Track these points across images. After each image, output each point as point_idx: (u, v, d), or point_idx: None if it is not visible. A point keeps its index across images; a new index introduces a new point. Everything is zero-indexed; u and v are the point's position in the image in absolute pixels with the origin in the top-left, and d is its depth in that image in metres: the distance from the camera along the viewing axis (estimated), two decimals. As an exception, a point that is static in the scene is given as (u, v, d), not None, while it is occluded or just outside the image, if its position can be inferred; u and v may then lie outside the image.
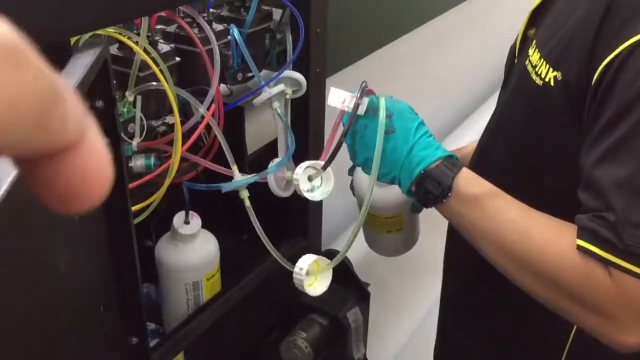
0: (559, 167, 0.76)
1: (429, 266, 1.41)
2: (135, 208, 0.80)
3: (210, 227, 0.97)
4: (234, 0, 1.02)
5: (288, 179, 0.95)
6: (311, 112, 1.04)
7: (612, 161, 0.65)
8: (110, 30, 0.76)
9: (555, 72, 0.72)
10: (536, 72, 0.75)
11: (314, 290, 0.81)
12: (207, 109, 0.87)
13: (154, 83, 0.81)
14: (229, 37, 0.94)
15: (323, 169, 0.80)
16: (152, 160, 0.82)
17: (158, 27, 0.91)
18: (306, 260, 0.80)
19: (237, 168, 0.91)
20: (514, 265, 0.74)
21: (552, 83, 0.72)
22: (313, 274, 0.80)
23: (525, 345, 0.94)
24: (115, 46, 0.83)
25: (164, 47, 0.86)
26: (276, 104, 0.94)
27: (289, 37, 1.02)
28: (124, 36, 0.78)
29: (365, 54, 1.53)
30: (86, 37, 0.70)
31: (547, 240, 0.71)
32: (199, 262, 0.94)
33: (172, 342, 0.91)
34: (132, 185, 0.79)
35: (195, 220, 0.92)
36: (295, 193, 0.84)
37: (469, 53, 2.36)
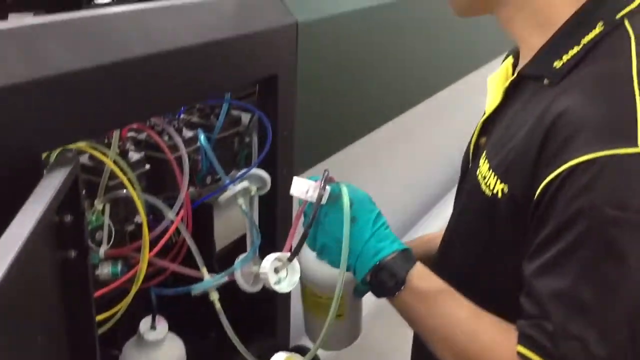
0: (507, 272, 0.79)
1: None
2: (100, 317, 0.80)
3: (177, 325, 0.96)
4: (204, 107, 1.07)
5: (255, 274, 0.95)
6: (279, 208, 1.07)
7: (551, 273, 0.69)
8: (81, 145, 0.78)
9: (503, 185, 0.76)
10: (486, 183, 0.80)
11: None
12: (177, 214, 0.89)
13: (124, 191, 0.83)
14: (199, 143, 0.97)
15: (289, 260, 0.82)
16: (119, 267, 0.83)
17: (130, 134, 0.94)
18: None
19: (206, 270, 0.91)
20: None
21: (499, 195, 0.77)
22: None
23: None
24: (86, 155, 0.86)
25: (135, 156, 0.89)
26: (241, 200, 0.96)
27: (255, 141, 1.06)
28: (94, 149, 0.81)
29: (334, 152, 1.56)
30: (57, 150, 0.72)
31: (493, 342, 0.74)
32: (166, 368, 0.92)
33: None
34: (98, 293, 0.79)
35: (162, 324, 0.92)
36: (263, 288, 0.85)
37: (435, 144, 2.44)
